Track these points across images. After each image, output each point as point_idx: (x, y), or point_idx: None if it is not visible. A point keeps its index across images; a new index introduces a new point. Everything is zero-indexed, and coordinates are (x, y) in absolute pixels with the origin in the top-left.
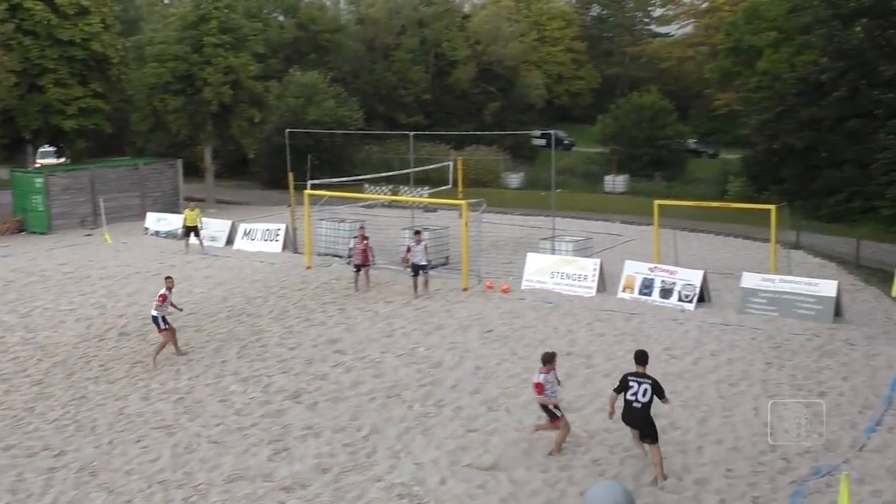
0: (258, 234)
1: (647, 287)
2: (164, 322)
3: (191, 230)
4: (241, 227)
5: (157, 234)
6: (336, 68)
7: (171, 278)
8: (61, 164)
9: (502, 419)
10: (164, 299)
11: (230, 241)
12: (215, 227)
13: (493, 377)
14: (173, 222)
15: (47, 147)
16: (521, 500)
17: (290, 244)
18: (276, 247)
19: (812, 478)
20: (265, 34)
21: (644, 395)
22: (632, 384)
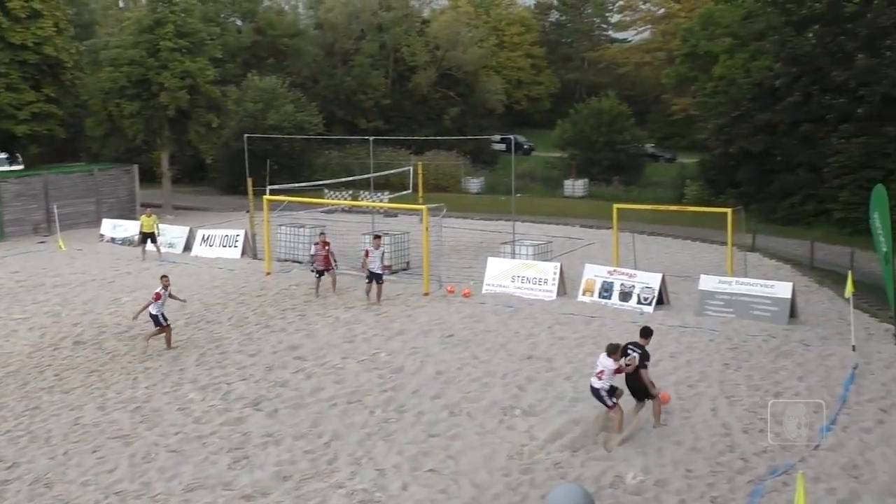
0: (217, 241)
1: (606, 290)
2: (164, 319)
3: (147, 237)
4: (200, 234)
5: (112, 240)
6: (295, 73)
7: (166, 277)
8: (14, 170)
9: (464, 423)
10: (158, 297)
11: (188, 248)
12: (173, 233)
13: (454, 382)
14: (129, 229)
15: None
16: None
17: (250, 250)
18: (235, 253)
19: (769, 477)
20: (223, 39)
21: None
22: (629, 352)
